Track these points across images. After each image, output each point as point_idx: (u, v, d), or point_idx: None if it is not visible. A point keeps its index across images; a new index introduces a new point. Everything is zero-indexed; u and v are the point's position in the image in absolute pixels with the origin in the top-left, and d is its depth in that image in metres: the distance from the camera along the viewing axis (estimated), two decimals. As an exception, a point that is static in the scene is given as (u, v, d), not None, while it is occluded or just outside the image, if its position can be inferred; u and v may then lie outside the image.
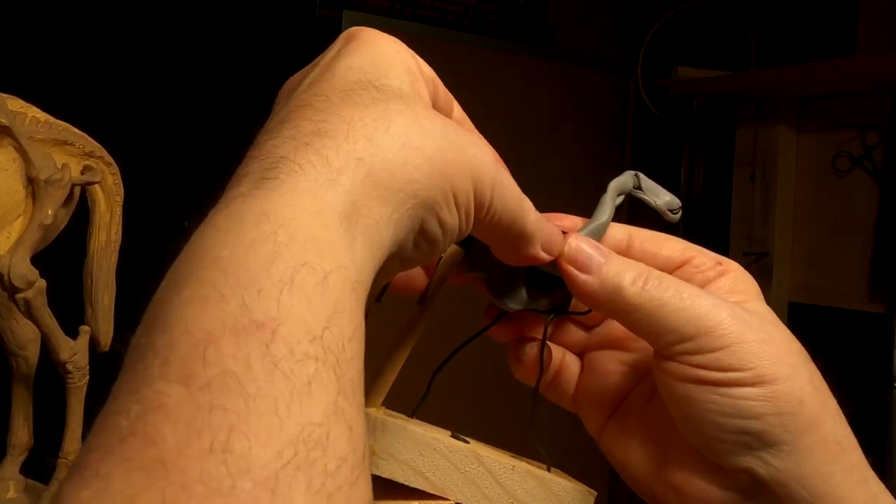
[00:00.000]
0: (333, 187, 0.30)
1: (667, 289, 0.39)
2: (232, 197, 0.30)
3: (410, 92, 0.34)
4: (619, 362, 0.46)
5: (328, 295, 0.27)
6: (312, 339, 0.26)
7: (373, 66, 0.34)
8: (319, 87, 0.34)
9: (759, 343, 0.38)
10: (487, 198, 0.34)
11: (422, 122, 0.33)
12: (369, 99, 0.33)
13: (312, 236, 0.28)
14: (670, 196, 0.46)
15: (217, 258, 0.27)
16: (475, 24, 2.23)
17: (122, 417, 0.24)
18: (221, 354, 0.25)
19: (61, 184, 0.91)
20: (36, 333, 0.96)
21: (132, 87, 1.74)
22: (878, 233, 1.79)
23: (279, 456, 0.24)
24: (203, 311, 0.26)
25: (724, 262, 0.43)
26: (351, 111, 0.32)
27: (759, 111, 2.00)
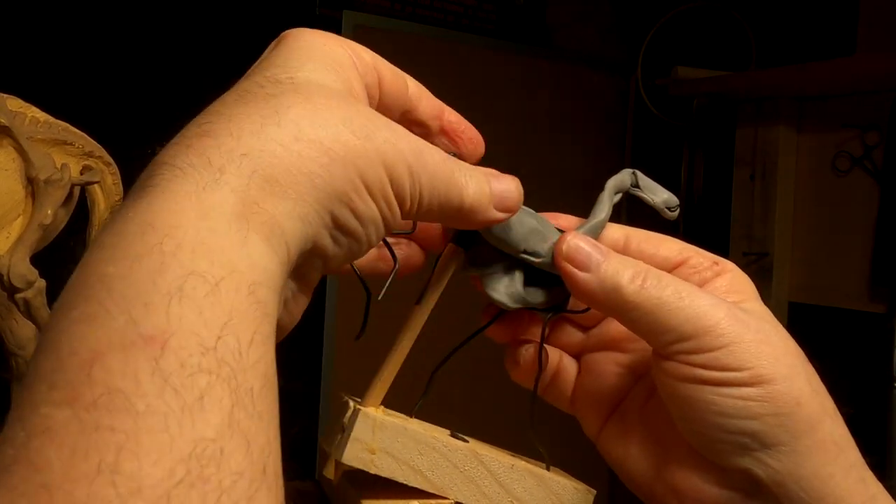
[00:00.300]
0: (218, 187, 0.28)
1: (665, 287, 0.39)
2: (117, 211, 0.30)
3: (328, 82, 0.33)
4: (616, 364, 0.45)
5: (221, 303, 0.26)
6: (205, 351, 0.25)
7: (286, 61, 0.34)
8: (225, 94, 0.33)
9: (756, 343, 0.38)
10: (407, 183, 0.33)
11: (319, 111, 0.31)
12: (263, 95, 0.32)
13: (200, 242, 0.27)
14: (668, 194, 0.46)
15: (102, 275, 0.26)
16: (475, 24, 2.23)
17: (9, 446, 0.23)
18: (108, 372, 0.24)
19: (61, 184, 0.91)
20: (36, 333, 0.96)
21: (132, 87, 1.74)
22: (878, 233, 1.79)
23: (171, 474, 0.23)
24: (89, 329, 0.25)
25: (720, 262, 0.43)
26: (239, 109, 0.31)
27: (759, 111, 2.00)
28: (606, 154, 2.41)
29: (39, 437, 0.23)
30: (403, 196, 0.33)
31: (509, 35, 2.27)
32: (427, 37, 2.11)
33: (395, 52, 1.97)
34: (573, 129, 2.35)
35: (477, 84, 2.16)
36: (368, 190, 0.32)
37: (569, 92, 2.34)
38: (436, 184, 0.34)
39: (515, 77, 2.24)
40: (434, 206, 0.35)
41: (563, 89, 2.33)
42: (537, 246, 0.41)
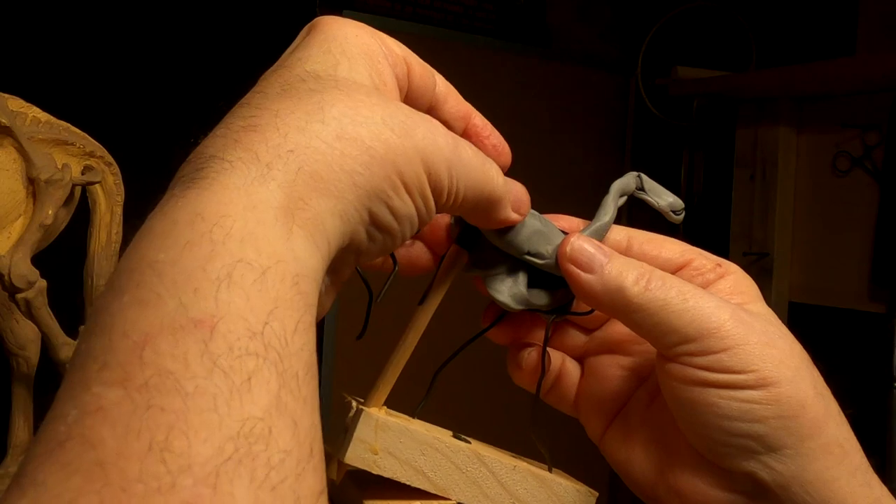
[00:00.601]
0: (265, 182, 0.29)
1: (670, 289, 0.39)
2: (167, 199, 0.30)
3: (362, 79, 0.34)
4: (619, 367, 0.45)
5: (267, 290, 0.27)
6: (252, 336, 0.26)
7: (324, 54, 0.34)
8: (264, 84, 0.34)
9: (761, 346, 0.38)
10: (444, 179, 0.34)
11: (360, 109, 0.32)
12: (305, 91, 0.32)
13: (248, 232, 0.28)
14: (673, 197, 0.46)
15: (153, 261, 0.27)
16: (475, 24, 2.23)
17: (61, 423, 0.24)
18: (159, 354, 0.25)
19: (62, 184, 0.92)
20: (36, 333, 0.96)
21: (132, 87, 1.74)
22: (878, 233, 1.79)
23: (220, 452, 0.24)
24: (141, 313, 0.26)
25: (723, 263, 0.43)
26: (284, 104, 0.32)
27: (759, 111, 2.00)
28: (606, 154, 2.41)
29: (92, 416, 0.24)
30: (441, 190, 0.34)
31: (509, 35, 2.27)
32: (427, 37, 2.11)
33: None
34: (573, 129, 2.35)
35: (477, 84, 2.15)
36: (406, 187, 0.33)
37: (569, 92, 2.34)
38: (472, 177, 0.35)
39: (515, 77, 2.24)
40: (470, 198, 0.36)
41: (563, 89, 2.33)
42: (541, 247, 0.41)
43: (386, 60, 0.36)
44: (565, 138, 2.32)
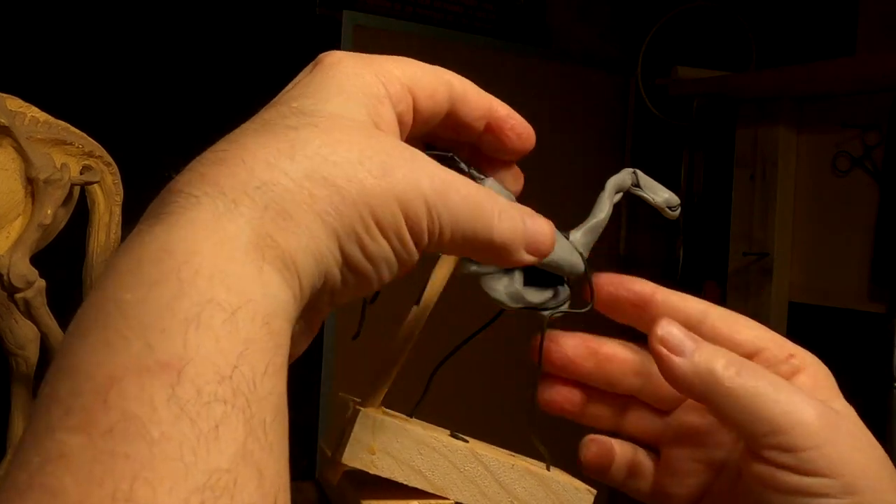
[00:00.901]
0: (233, 218, 0.28)
1: (761, 378, 0.38)
2: (132, 236, 0.29)
3: (355, 114, 0.33)
4: (697, 461, 0.44)
5: (237, 331, 0.26)
6: (221, 380, 0.25)
7: (317, 91, 0.33)
8: (251, 119, 0.33)
9: (849, 449, 0.37)
10: (424, 221, 0.33)
11: (335, 148, 0.31)
12: (283, 127, 0.32)
13: (218, 269, 0.27)
14: (669, 193, 0.46)
15: (119, 301, 0.26)
16: (475, 24, 2.23)
17: (23, 471, 0.24)
18: (124, 397, 0.24)
19: (60, 184, 0.91)
20: (35, 333, 0.96)
21: (132, 87, 1.74)
22: (878, 233, 1.79)
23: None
24: (106, 355, 0.25)
25: (797, 354, 0.41)
26: (257, 139, 0.31)
27: (759, 111, 2.00)
28: (606, 154, 2.42)
29: (54, 463, 0.23)
30: (420, 233, 0.33)
31: (509, 35, 2.27)
32: (427, 37, 2.11)
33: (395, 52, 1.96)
34: (573, 129, 2.35)
35: (476, 84, 2.16)
36: (381, 229, 0.32)
37: (569, 92, 2.34)
38: (459, 219, 0.34)
39: (515, 77, 2.24)
40: (458, 240, 0.34)
41: (563, 89, 2.33)
42: None
43: (387, 99, 0.35)
44: (565, 138, 2.32)
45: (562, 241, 0.42)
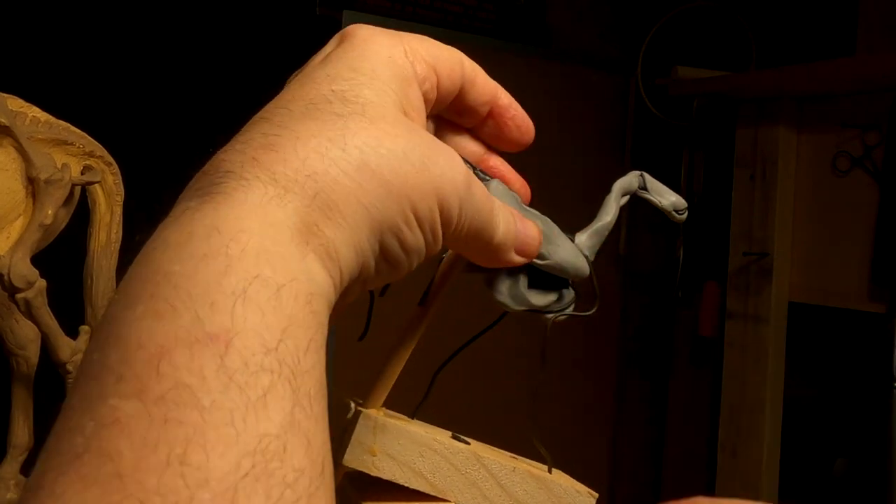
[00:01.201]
0: (282, 205, 0.29)
1: None
2: (181, 210, 0.30)
3: (389, 102, 0.34)
4: None
5: (282, 307, 0.27)
6: (267, 352, 0.26)
7: (352, 72, 0.34)
8: (289, 97, 0.33)
9: None
10: (455, 214, 0.34)
11: (383, 140, 0.32)
12: (330, 114, 0.32)
13: (264, 249, 0.28)
14: (676, 196, 0.46)
15: (169, 273, 0.27)
16: (475, 24, 2.23)
17: (78, 435, 0.24)
18: (175, 367, 0.25)
19: (61, 184, 0.92)
20: (36, 333, 0.96)
21: (132, 87, 1.74)
22: (878, 233, 1.79)
23: (237, 467, 0.24)
24: (156, 325, 0.26)
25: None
26: (307, 126, 0.32)
27: (759, 111, 2.00)
28: (606, 154, 2.41)
29: (109, 428, 0.24)
30: (450, 223, 0.34)
31: (509, 35, 2.27)
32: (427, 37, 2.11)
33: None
34: (573, 129, 2.35)
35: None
36: (418, 221, 0.33)
37: (569, 92, 2.34)
38: (477, 217, 0.35)
39: (515, 77, 2.23)
40: (469, 237, 0.36)
41: (563, 89, 2.33)
42: (542, 248, 0.41)
43: (415, 80, 0.35)
44: (565, 138, 2.32)
45: (566, 244, 0.42)
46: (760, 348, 1.98)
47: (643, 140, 2.44)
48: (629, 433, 2.53)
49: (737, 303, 2.04)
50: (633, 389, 2.54)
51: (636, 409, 2.54)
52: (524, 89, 2.24)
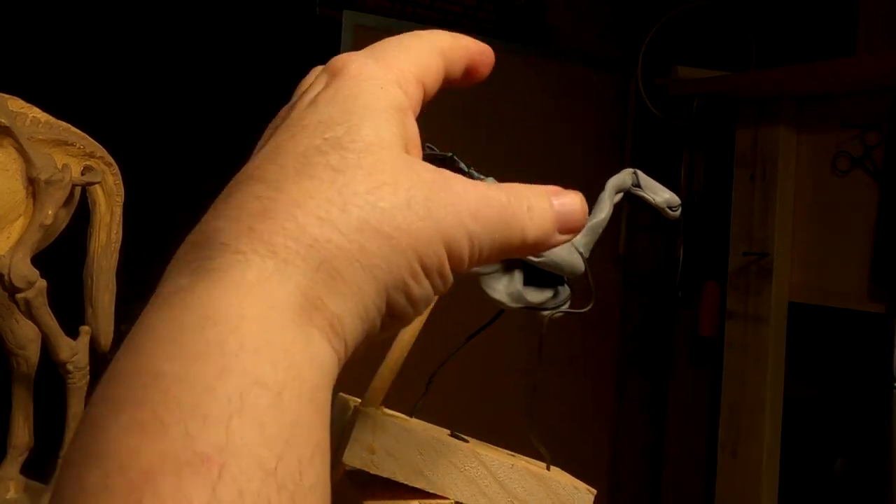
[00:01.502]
0: (283, 281, 0.27)
1: None
2: (171, 291, 0.27)
3: (388, 137, 0.32)
4: None
5: (283, 414, 0.25)
6: (265, 476, 0.24)
7: (346, 115, 0.32)
8: (280, 150, 0.31)
9: None
10: (465, 251, 0.32)
11: (383, 193, 0.30)
12: (326, 168, 0.30)
13: (264, 342, 0.26)
14: (669, 193, 0.46)
15: (158, 374, 0.25)
16: (475, 24, 2.23)
17: None
18: (160, 498, 0.22)
19: (62, 184, 0.92)
20: (36, 333, 0.96)
21: (133, 87, 1.74)
22: (878, 233, 1.79)
23: None
24: (141, 443, 0.23)
25: None
26: (303, 187, 0.29)
27: (759, 111, 2.00)
28: (606, 154, 2.42)
29: None
30: (461, 262, 0.32)
31: (509, 35, 2.27)
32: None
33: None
34: (573, 129, 2.35)
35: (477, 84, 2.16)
36: (426, 271, 0.31)
37: (569, 92, 2.34)
38: (495, 235, 0.33)
39: (515, 77, 2.24)
40: (494, 253, 0.33)
41: (563, 89, 2.33)
42: None
43: (409, 107, 0.34)
44: (565, 138, 2.33)
45: None
46: (760, 348, 1.98)
47: (643, 140, 2.44)
48: (629, 433, 2.53)
49: (737, 303, 2.04)
50: (632, 389, 2.54)
51: (636, 408, 2.54)
52: (524, 89, 2.25)
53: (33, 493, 0.96)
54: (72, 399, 0.96)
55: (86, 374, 0.97)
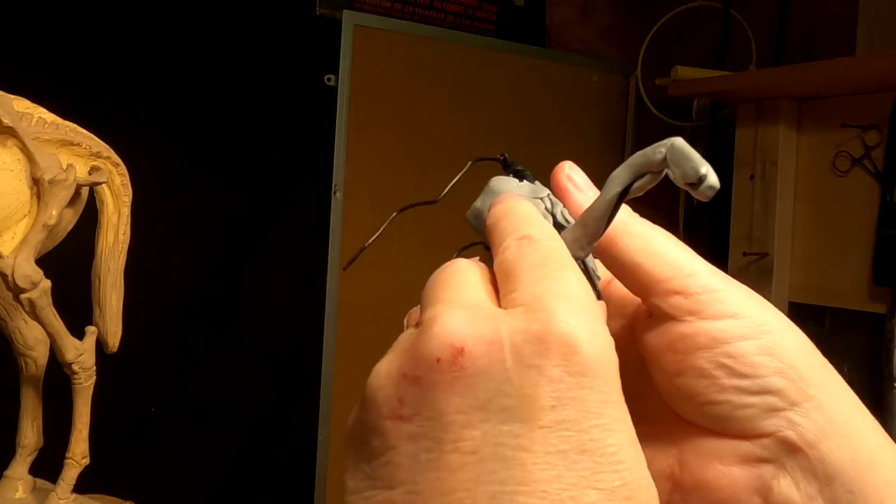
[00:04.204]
0: None
1: (657, 229, 0.38)
2: None
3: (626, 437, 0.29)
4: None
5: None
6: None
7: (491, 392, 0.28)
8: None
9: (745, 294, 0.36)
10: None
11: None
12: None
13: None
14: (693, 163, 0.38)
15: None
16: (475, 24, 2.23)
17: None
18: None
19: (65, 184, 0.91)
20: (44, 334, 0.96)
21: (135, 87, 1.74)
22: (879, 233, 1.80)
23: None
24: None
25: None
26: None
27: (759, 111, 2.00)
28: (606, 154, 2.42)
29: None
30: None
31: (509, 35, 2.27)
32: (427, 37, 2.11)
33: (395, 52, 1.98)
34: (573, 129, 2.36)
35: (477, 84, 2.16)
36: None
37: (569, 92, 2.35)
38: None
39: (515, 77, 2.24)
40: None
41: (563, 89, 2.33)
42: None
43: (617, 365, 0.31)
44: (565, 138, 2.33)
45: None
46: (761, 348, 1.97)
47: (643, 140, 2.44)
48: (629, 432, 2.53)
49: (737, 302, 2.04)
50: (632, 389, 2.54)
51: (636, 408, 2.54)
52: (524, 89, 2.24)
53: (41, 493, 0.96)
54: (78, 400, 0.96)
55: (92, 375, 0.97)
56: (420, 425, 0.28)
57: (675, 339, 0.35)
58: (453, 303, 0.30)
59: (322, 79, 1.92)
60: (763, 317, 0.35)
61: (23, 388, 0.98)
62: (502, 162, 0.39)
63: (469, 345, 0.28)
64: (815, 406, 0.34)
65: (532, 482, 0.26)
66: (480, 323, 0.29)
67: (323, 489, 1.95)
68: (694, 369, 0.35)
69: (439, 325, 0.29)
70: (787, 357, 0.35)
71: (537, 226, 0.35)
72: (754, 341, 0.35)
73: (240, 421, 1.92)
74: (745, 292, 0.36)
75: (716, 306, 0.35)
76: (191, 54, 1.80)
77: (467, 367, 0.28)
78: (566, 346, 0.28)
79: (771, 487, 0.35)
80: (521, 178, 0.40)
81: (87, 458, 0.97)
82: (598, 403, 0.28)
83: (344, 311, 1.93)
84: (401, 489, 0.27)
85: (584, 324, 0.29)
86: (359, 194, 1.95)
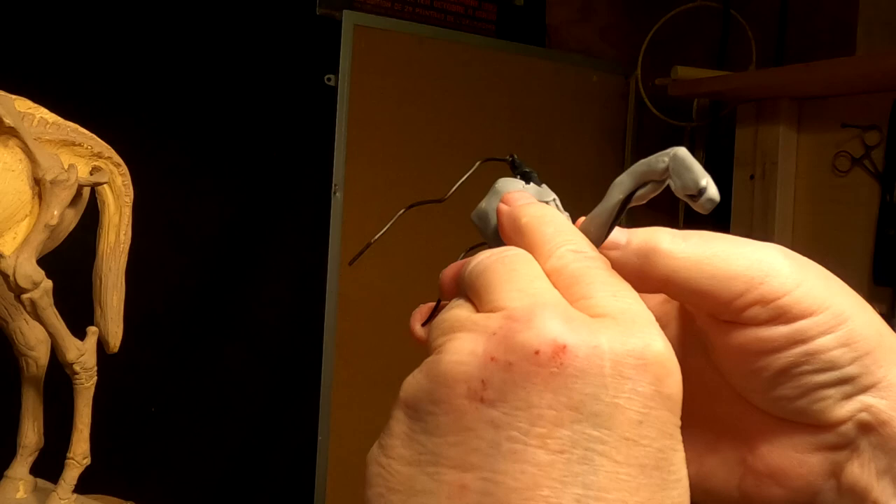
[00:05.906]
0: None
1: (711, 239, 0.35)
2: None
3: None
4: None
5: None
6: None
7: (586, 395, 0.28)
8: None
9: (824, 281, 0.35)
10: None
11: None
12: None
13: None
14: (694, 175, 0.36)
15: None
16: (475, 24, 2.23)
17: None
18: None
19: (67, 184, 0.92)
20: (46, 334, 0.96)
21: (136, 88, 1.74)
22: (879, 233, 1.80)
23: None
24: None
25: None
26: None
27: (759, 111, 2.00)
28: (606, 154, 2.42)
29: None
30: None
31: (509, 35, 2.27)
32: (427, 37, 2.11)
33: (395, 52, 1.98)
34: (573, 130, 2.36)
35: (477, 84, 2.16)
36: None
37: (569, 92, 2.35)
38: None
39: (515, 77, 2.24)
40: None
41: (563, 89, 2.33)
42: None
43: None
44: (565, 138, 2.33)
45: None
46: (761, 347, 1.98)
47: (643, 140, 2.44)
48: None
49: (737, 302, 2.04)
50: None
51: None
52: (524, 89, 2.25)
53: (43, 493, 0.96)
54: (79, 400, 0.96)
55: (93, 375, 0.97)
56: (505, 412, 0.27)
57: (750, 342, 0.35)
58: (536, 296, 0.30)
59: (322, 79, 1.92)
60: (840, 305, 0.34)
61: (24, 388, 0.98)
62: (511, 163, 0.39)
63: (571, 344, 0.28)
64: (887, 384, 0.34)
65: (614, 490, 0.27)
66: (580, 325, 0.29)
67: (323, 489, 1.95)
68: (771, 368, 0.35)
69: (540, 318, 0.29)
70: (862, 345, 0.34)
71: (586, 242, 0.35)
72: (832, 335, 0.34)
73: (240, 421, 1.92)
74: (822, 280, 0.35)
75: (794, 308, 0.34)
76: (191, 54, 1.80)
77: (567, 365, 0.28)
78: (661, 368, 0.29)
79: (844, 468, 0.35)
80: (527, 180, 0.40)
81: (88, 459, 0.97)
82: (674, 426, 0.29)
83: (344, 310, 1.93)
84: (475, 474, 0.27)
85: (670, 349, 0.30)
86: (359, 194, 1.95)
